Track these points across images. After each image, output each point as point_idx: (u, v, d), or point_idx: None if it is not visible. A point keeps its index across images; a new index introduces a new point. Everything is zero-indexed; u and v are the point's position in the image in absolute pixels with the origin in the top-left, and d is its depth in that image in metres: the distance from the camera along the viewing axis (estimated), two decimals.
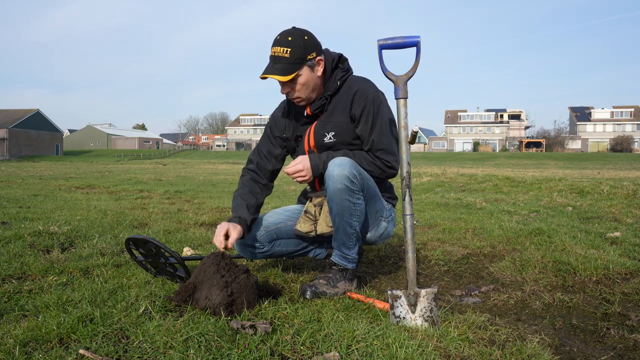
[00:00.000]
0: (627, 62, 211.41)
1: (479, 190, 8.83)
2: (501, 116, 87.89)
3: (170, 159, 55.10)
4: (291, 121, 2.29)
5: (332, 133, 2.15)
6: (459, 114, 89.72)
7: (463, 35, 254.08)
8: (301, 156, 2.14)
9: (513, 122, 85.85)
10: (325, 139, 2.16)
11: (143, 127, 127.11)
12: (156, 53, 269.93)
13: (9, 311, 1.78)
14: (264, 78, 2.06)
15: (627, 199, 6.38)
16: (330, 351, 1.44)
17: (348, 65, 2.22)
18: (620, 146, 75.35)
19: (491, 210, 5.39)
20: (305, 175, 2.11)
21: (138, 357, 1.39)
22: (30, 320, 1.64)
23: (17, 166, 25.91)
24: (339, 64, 2.19)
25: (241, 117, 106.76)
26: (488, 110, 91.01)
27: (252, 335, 1.51)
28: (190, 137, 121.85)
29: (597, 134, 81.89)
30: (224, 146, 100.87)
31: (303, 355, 1.43)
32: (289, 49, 2.02)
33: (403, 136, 1.79)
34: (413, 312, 1.72)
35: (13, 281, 2.17)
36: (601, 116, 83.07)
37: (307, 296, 2.00)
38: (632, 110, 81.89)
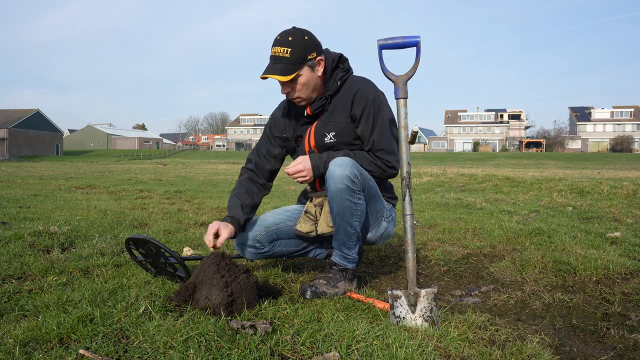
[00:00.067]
0: (627, 62, 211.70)
1: (479, 190, 8.83)
2: (501, 116, 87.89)
3: (170, 159, 55.11)
4: (291, 121, 2.29)
5: (333, 133, 2.15)
6: (459, 114, 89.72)
7: (463, 35, 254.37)
8: (302, 156, 2.14)
9: (513, 122, 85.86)
10: (325, 139, 2.16)
11: (143, 127, 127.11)
12: (156, 53, 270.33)
13: (9, 311, 1.78)
14: (265, 78, 2.06)
15: (627, 199, 6.38)
16: (330, 351, 1.44)
17: (348, 65, 2.21)
18: (620, 146, 75.35)
19: (491, 210, 5.39)
20: (306, 175, 2.11)
21: (138, 357, 1.39)
22: (30, 320, 1.64)
23: (17, 166, 25.91)
24: (339, 64, 2.19)
25: (241, 117, 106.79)
26: (488, 110, 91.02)
27: (252, 335, 1.51)
28: (190, 137, 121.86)
29: (597, 134, 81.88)
30: (224, 146, 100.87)
31: (303, 355, 1.43)
32: (290, 49, 2.02)
33: (403, 136, 1.80)
34: (413, 312, 1.72)
35: (13, 281, 2.17)
36: (601, 116, 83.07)
37: (307, 296, 2.00)
38: (632, 110, 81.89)
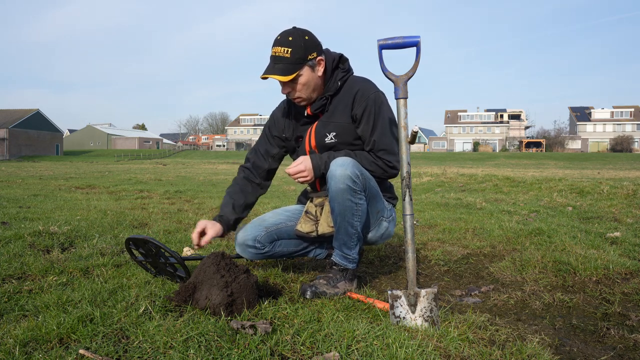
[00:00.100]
0: (627, 62, 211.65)
1: (479, 190, 8.83)
2: (501, 116, 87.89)
3: (170, 159, 55.11)
4: (291, 121, 2.29)
5: (334, 133, 2.15)
6: (459, 114, 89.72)
7: (463, 35, 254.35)
8: (302, 156, 2.13)
9: (513, 122, 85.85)
10: (326, 140, 2.16)
11: (143, 127, 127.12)
12: (156, 53, 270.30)
13: (9, 311, 1.78)
14: (265, 78, 2.06)
15: (627, 199, 6.38)
16: (330, 351, 1.44)
17: (349, 65, 2.21)
18: (620, 146, 75.35)
19: (491, 210, 5.39)
20: (307, 175, 2.11)
21: (138, 357, 1.39)
22: (30, 320, 1.64)
23: (17, 166, 25.91)
24: (340, 64, 2.19)
25: (241, 117, 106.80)
26: (488, 110, 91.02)
27: (252, 335, 1.51)
28: (190, 137, 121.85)
29: (597, 134, 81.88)
30: (224, 146, 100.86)
31: (303, 355, 1.43)
32: (290, 49, 2.02)
33: (403, 136, 1.79)
34: (413, 312, 1.72)
35: (13, 281, 2.17)
36: (601, 116, 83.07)
37: (307, 296, 2.00)
38: (632, 110, 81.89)
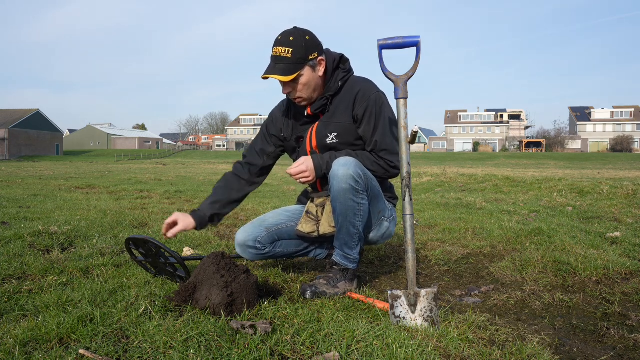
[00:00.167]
0: (627, 62, 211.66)
1: (479, 190, 8.83)
2: (501, 116, 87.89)
3: (170, 159, 55.11)
4: (290, 121, 2.29)
5: (335, 134, 2.15)
6: (459, 114, 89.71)
7: (463, 35, 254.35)
8: (304, 157, 2.13)
9: (513, 122, 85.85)
10: (327, 140, 2.16)
11: (143, 127, 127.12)
12: (156, 53, 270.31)
13: (9, 311, 1.78)
14: (266, 78, 2.06)
15: (627, 199, 6.38)
16: (330, 351, 1.44)
17: (349, 65, 2.21)
18: (620, 146, 75.35)
19: (491, 210, 5.39)
20: (308, 176, 2.10)
21: (138, 357, 1.39)
22: (30, 320, 1.64)
23: (17, 166, 25.91)
24: (340, 65, 2.19)
25: (241, 117, 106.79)
26: (488, 110, 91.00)
27: (252, 335, 1.51)
28: (190, 137, 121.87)
29: (597, 134, 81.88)
30: (224, 146, 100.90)
31: (303, 355, 1.43)
32: (291, 49, 2.02)
33: (403, 136, 1.79)
34: (413, 312, 1.72)
35: (13, 281, 2.17)
36: (601, 116, 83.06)
37: (307, 296, 2.00)
38: (632, 110, 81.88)
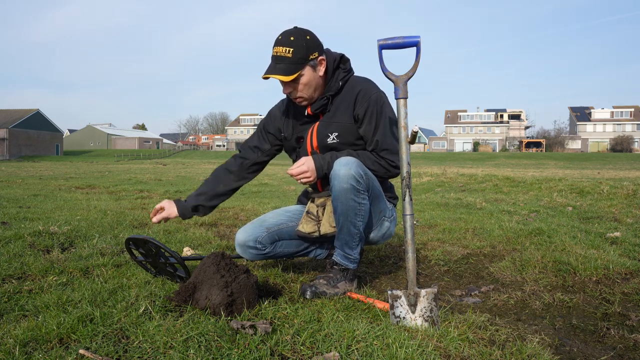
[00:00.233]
0: (627, 62, 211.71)
1: (479, 190, 8.83)
2: (501, 116, 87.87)
3: (170, 159, 55.09)
4: (290, 120, 2.29)
5: (336, 134, 2.15)
6: (459, 114, 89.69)
7: (463, 35, 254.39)
8: (305, 157, 2.13)
9: (513, 122, 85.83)
10: (328, 140, 2.16)
11: (143, 127, 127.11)
12: (156, 53, 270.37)
13: (9, 311, 1.78)
14: (266, 78, 2.06)
15: (627, 199, 6.38)
16: (330, 351, 1.44)
17: (350, 65, 2.22)
18: (620, 146, 75.34)
19: (491, 210, 5.39)
20: (309, 176, 2.10)
21: (138, 357, 1.39)
22: (30, 320, 1.64)
23: (17, 166, 25.91)
24: (341, 64, 2.19)
25: (241, 117, 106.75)
26: (488, 110, 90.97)
27: (252, 335, 1.51)
28: (190, 137, 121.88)
29: (597, 134, 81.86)
30: (224, 146, 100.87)
31: (303, 355, 1.43)
32: (292, 49, 2.02)
33: (403, 136, 1.79)
34: (413, 312, 1.72)
35: (13, 281, 2.17)
36: (601, 116, 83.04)
37: (307, 296, 2.00)
38: (632, 110, 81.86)
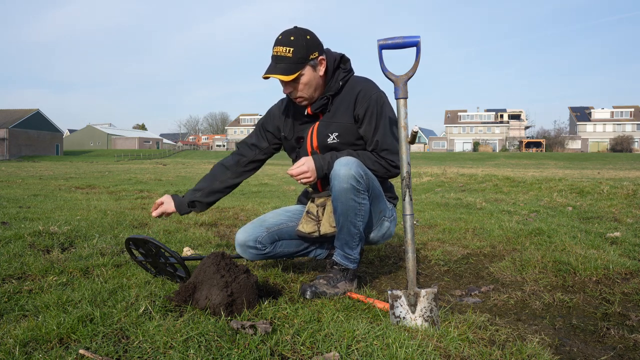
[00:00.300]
0: (627, 62, 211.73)
1: (479, 190, 8.83)
2: (501, 116, 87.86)
3: (170, 159, 55.09)
4: (290, 119, 2.29)
5: (336, 134, 2.15)
6: (459, 114, 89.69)
7: (463, 35, 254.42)
8: (305, 157, 2.13)
9: (513, 122, 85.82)
10: (328, 140, 2.16)
11: (143, 127, 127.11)
12: (156, 53, 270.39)
13: (9, 311, 1.78)
14: (267, 78, 2.06)
15: (627, 199, 6.38)
16: (330, 351, 1.44)
17: (350, 65, 2.22)
18: (620, 146, 75.34)
19: (491, 210, 5.39)
20: (310, 176, 2.10)
21: (138, 357, 1.39)
22: (30, 320, 1.64)
23: (17, 166, 25.91)
24: (341, 65, 2.19)
25: (241, 117, 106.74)
26: (488, 110, 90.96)
27: (252, 335, 1.51)
28: (190, 137, 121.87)
29: (597, 134, 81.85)
30: (224, 146, 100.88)
31: (303, 355, 1.43)
32: (292, 49, 2.02)
33: (403, 136, 1.79)
34: (413, 312, 1.72)
35: (13, 281, 2.17)
36: (601, 116, 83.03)
37: (307, 296, 2.00)
38: (632, 110, 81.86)
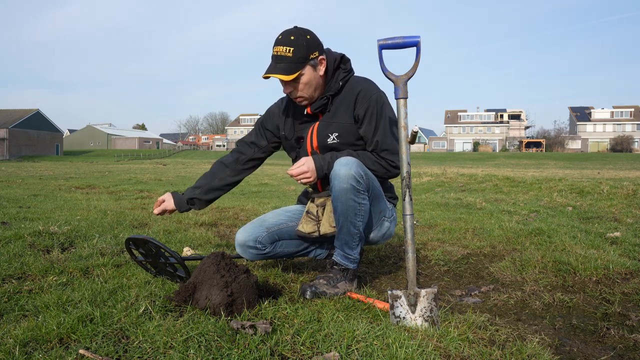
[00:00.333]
0: (627, 62, 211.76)
1: (479, 190, 8.83)
2: (501, 116, 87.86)
3: (170, 159, 55.09)
4: (289, 119, 2.29)
5: (336, 134, 2.15)
6: (459, 114, 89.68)
7: (463, 35, 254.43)
8: (305, 157, 2.13)
9: (513, 122, 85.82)
10: (328, 140, 2.16)
11: (143, 127, 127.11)
12: (156, 53, 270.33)
13: (9, 311, 1.78)
14: (267, 77, 2.06)
15: (627, 199, 6.38)
16: (330, 351, 1.44)
17: (350, 66, 2.22)
18: (620, 146, 75.33)
19: (491, 210, 5.39)
20: (310, 176, 2.10)
21: (138, 357, 1.39)
22: (30, 320, 1.64)
23: (17, 166, 25.91)
24: (341, 65, 2.19)
25: (241, 117, 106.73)
26: (488, 110, 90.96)
27: (252, 335, 1.51)
28: (190, 137, 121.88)
29: (597, 134, 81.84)
30: (224, 146, 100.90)
31: (303, 355, 1.43)
32: (292, 48, 2.02)
33: (403, 136, 1.80)
34: (413, 312, 1.72)
35: (13, 281, 2.17)
36: (601, 116, 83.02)
37: (307, 296, 2.00)
38: (632, 110, 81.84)
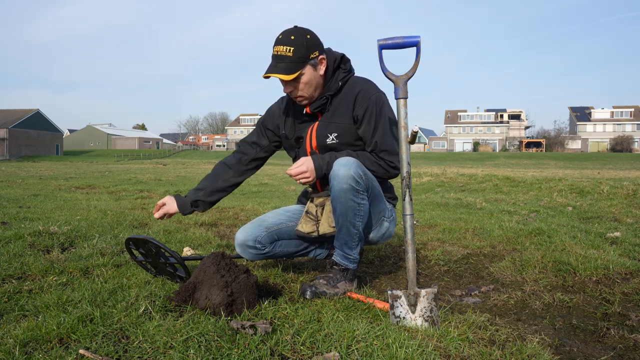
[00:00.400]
0: (627, 62, 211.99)
1: (479, 190, 8.83)
2: (501, 116, 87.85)
3: (170, 159, 55.08)
4: (289, 118, 2.30)
5: (335, 134, 2.15)
6: (459, 114, 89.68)
7: (463, 35, 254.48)
8: (304, 157, 2.13)
9: (513, 122, 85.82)
10: (327, 140, 2.16)
11: (143, 127, 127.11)
12: (156, 53, 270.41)
13: (9, 311, 1.78)
14: (267, 77, 2.06)
15: (627, 199, 6.38)
16: (330, 351, 1.44)
17: (350, 66, 2.22)
18: (620, 146, 75.33)
19: (491, 210, 5.39)
20: (309, 176, 2.10)
21: (138, 357, 1.39)
22: (30, 320, 1.64)
23: (17, 166, 25.91)
24: (341, 65, 2.19)
25: (241, 117, 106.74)
26: (488, 110, 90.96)
27: (252, 335, 1.51)
28: (190, 137, 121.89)
29: (597, 134, 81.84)
30: (224, 146, 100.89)
31: (303, 355, 1.43)
32: (292, 48, 2.02)
33: (403, 136, 1.80)
34: (413, 312, 1.72)
35: (13, 281, 2.17)
36: (601, 116, 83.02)
37: (307, 296, 2.00)
38: (632, 110, 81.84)
